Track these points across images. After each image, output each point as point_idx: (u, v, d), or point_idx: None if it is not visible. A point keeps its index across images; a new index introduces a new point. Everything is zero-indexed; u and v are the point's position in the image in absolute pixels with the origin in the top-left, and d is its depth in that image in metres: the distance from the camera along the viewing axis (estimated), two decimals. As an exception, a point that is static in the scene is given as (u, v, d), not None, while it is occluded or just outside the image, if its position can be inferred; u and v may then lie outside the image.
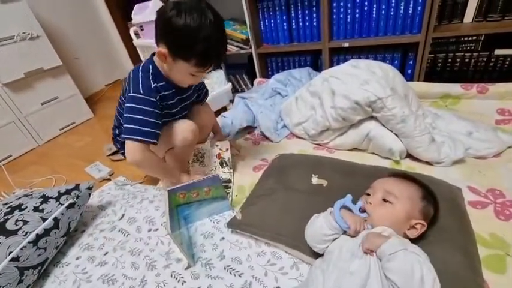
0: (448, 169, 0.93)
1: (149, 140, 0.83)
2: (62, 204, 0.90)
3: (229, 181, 1.07)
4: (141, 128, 0.82)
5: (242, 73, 2.05)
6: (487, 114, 1.12)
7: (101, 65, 2.72)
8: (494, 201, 0.79)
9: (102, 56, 2.73)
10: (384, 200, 0.64)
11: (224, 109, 1.78)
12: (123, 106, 0.87)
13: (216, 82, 1.76)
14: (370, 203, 0.64)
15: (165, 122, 0.93)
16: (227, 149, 1.13)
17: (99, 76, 2.72)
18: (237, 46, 1.85)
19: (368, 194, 0.68)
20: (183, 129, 0.96)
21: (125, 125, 0.84)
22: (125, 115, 0.84)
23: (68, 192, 0.95)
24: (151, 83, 0.85)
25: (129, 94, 0.84)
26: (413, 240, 0.61)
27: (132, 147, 0.84)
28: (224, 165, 1.11)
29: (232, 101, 1.81)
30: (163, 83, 0.88)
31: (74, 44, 2.44)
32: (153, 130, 0.84)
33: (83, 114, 2.18)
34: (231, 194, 1.02)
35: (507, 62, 1.32)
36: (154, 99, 0.85)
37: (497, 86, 1.13)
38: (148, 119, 0.83)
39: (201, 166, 1.12)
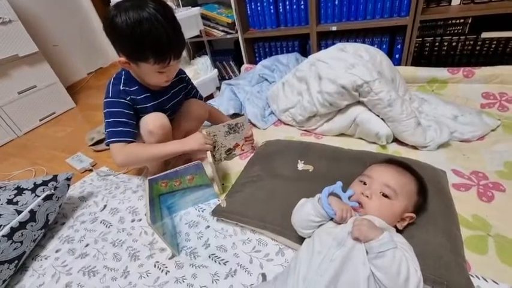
0: (433, 152, 0.93)
1: (123, 139, 0.84)
2: (38, 196, 0.86)
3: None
4: (113, 129, 0.84)
5: (229, 59, 2.00)
6: (472, 99, 1.12)
7: (82, 52, 2.60)
8: (477, 184, 0.79)
9: (83, 43, 2.60)
10: (383, 194, 0.60)
11: (211, 96, 1.74)
12: None
13: (202, 69, 1.71)
14: (367, 196, 0.60)
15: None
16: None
17: (81, 64, 2.60)
18: (222, 31, 1.80)
19: (364, 183, 0.64)
20: (150, 122, 0.88)
21: (105, 133, 0.86)
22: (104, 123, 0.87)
23: (44, 183, 0.91)
24: (120, 86, 0.86)
25: (103, 101, 0.86)
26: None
27: (112, 151, 0.85)
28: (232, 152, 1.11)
29: (218, 88, 1.76)
30: (136, 87, 0.88)
31: (51, 30, 2.31)
32: (125, 129, 0.85)
33: (64, 103, 2.09)
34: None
35: (493, 45, 1.32)
36: (123, 100, 0.86)
37: (483, 69, 1.12)
38: (118, 119, 0.84)
39: (234, 136, 1.07)
